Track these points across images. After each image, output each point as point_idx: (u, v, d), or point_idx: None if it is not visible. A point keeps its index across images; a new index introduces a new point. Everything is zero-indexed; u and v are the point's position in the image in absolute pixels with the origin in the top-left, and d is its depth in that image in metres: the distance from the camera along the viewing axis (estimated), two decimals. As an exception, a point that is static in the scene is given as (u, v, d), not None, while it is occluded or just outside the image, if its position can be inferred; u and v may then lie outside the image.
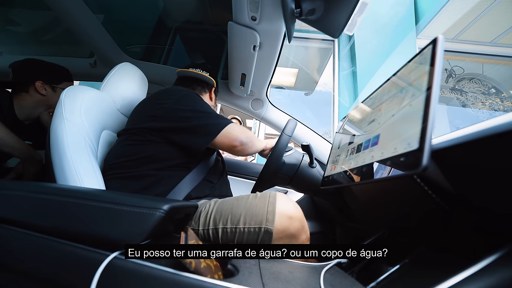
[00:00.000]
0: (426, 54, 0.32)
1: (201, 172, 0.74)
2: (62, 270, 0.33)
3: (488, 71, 3.19)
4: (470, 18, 2.69)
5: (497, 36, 2.85)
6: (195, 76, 0.90)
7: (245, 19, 0.70)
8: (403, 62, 0.40)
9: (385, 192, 0.48)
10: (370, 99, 0.50)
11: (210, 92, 0.93)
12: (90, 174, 0.59)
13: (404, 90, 0.36)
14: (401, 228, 0.50)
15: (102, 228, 0.35)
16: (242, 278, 0.33)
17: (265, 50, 0.83)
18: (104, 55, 1.21)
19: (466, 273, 0.26)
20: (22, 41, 1.55)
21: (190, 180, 0.70)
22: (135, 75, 0.88)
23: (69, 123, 0.60)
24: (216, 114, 0.70)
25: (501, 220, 0.30)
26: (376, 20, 2.97)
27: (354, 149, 0.46)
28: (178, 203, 0.42)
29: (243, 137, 0.68)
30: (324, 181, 0.55)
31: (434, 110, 0.27)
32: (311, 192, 0.84)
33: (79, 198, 0.39)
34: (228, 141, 0.67)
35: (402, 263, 0.41)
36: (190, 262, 0.29)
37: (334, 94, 3.13)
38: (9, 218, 0.40)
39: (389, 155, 0.31)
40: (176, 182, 0.67)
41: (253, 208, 0.54)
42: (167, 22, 1.37)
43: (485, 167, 0.29)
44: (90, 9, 1.04)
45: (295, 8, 0.59)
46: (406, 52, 2.80)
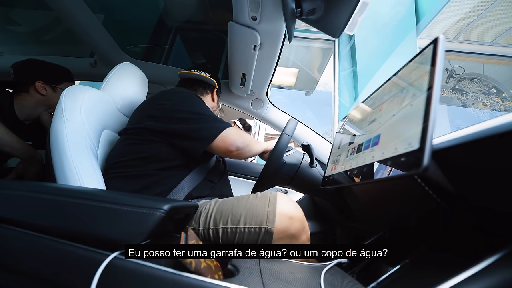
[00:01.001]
0: (427, 54, 0.32)
1: (202, 172, 0.74)
2: (62, 270, 0.33)
3: (489, 71, 3.18)
4: (471, 18, 2.68)
5: (498, 36, 2.84)
6: (196, 77, 0.90)
7: (245, 19, 0.70)
8: (403, 62, 0.39)
9: (386, 192, 0.48)
10: (370, 99, 0.50)
11: (212, 93, 0.93)
12: (91, 174, 0.59)
13: (405, 90, 0.36)
14: (401, 228, 0.50)
15: (102, 228, 0.35)
16: (242, 278, 0.33)
17: (265, 50, 0.83)
18: (104, 55, 1.21)
19: (467, 273, 0.26)
20: (23, 41, 1.55)
21: (190, 180, 0.70)
22: (135, 75, 0.88)
23: (70, 123, 0.60)
24: (214, 117, 0.70)
25: (501, 220, 0.30)
26: (377, 20, 2.96)
27: (354, 149, 0.46)
28: (178, 203, 0.42)
29: (239, 142, 0.67)
30: (324, 181, 0.55)
31: (435, 110, 0.27)
32: (312, 192, 0.84)
33: (79, 198, 0.39)
34: (225, 146, 0.66)
35: (403, 263, 0.41)
36: (190, 262, 0.29)
37: (334, 94, 3.13)
38: (9, 218, 0.40)
39: (389, 155, 0.31)
40: (177, 182, 0.67)
41: (253, 208, 0.54)
42: (167, 22, 1.37)
43: (486, 167, 0.29)
44: (91, 9, 1.04)
45: (296, 8, 0.59)
46: (406, 52, 2.79)
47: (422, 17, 2.89)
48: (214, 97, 0.94)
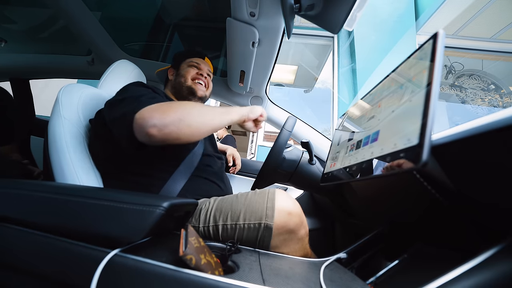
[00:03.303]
0: (427, 49, 0.32)
1: (185, 173, 0.66)
2: (62, 268, 0.34)
3: (488, 67, 3.18)
4: (470, 14, 2.68)
5: (497, 32, 2.84)
6: (158, 74, 0.94)
7: (243, 15, 0.69)
8: (402, 59, 0.39)
9: (385, 188, 0.48)
10: (369, 95, 0.50)
11: (168, 74, 0.90)
12: (89, 172, 0.59)
13: (404, 86, 0.36)
14: (400, 224, 0.50)
15: (102, 225, 0.35)
16: (242, 274, 0.33)
17: (264, 47, 0.82)
18: (101, 52, 1.20)
19: (465, 267, 0.26)
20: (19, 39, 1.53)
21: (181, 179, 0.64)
22: (132, 72, 0.88)
23: (67, 121, 0.60)
24: (140, 95, 0.57)
25: (499, 215, 0.30)
26: (376, 16, 2.95)
27: (353, 145, 0.46)
28: (177, 200, 0.42)
29: (155, 118, 0.48)
30: (323, 178, 0.55)
31: (434, 106, 0.27)
32: (311, 188, 0.84)
33: (78, 196, 0.39)
34: (141, 131, 0.48)
35: (402, 258, 0.42)
36: (191, 259, 0.29)
37: (333, 91, 3.12)
38: (9, 216, 0.40)
39: (388, 151, 0.31)
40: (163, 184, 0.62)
41: (252, 205, 0.54)
42: (165, 19, 1.36)
43: (484, 162, 0.29)
44: (87, 6, 1.03)
45: (294, 3, 0.58)
46: (405, 48, 2.79)
47: (421, 13, 2.88)
48: (170, 73, 0.89)
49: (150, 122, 0.47)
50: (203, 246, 0.35)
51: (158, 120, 0.48)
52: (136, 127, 0.49)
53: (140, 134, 0.49)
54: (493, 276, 0.24)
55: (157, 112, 0.49)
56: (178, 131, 0.50)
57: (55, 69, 1.35)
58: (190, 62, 0.87)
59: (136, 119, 0.49)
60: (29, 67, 1.39)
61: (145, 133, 0.48)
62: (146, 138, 0.49)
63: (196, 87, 0.84)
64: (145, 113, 0.49)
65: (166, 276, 0.29)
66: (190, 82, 0.84)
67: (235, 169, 1.07)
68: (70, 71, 1.10)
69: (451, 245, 0.38)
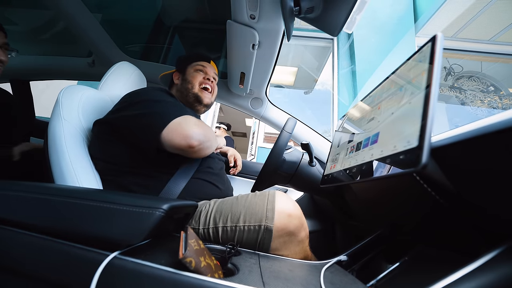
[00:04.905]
0: (425, 51, 0.32)
1: (187, 174, 0.67)
2: (61, 271, 0.33)
3: (487, 69, 3.19)
4: (468, 16, 2.69)
5: (496, 34, 2.85)
6: (162, 77, 0.95)
7: (244, 17, 0.69)
8: (402, 61, 0.39)
9: (385, 190, 0.48)
10: (369, 97, 0.50)
11: (173, 78, 0.90)
12: (88, 174, 0.59)
13: (404, 88, 0.36)
14: (401, 226, 0.50)
15: (101, 228, 0.35)
16: (242, 277, 0.33)
17: (264, 49, 0.83)
18: (102, 54, 1.20)
19: (466, 270, 0.26)
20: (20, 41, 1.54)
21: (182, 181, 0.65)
22: (133, 74, 0.88)
23: (67, 123, 0.60)
24: (170, 103, 0.62)
25: (499, 218, 0.30)
26: (375, 19, 2.96)
27: (353, 147, 0.46)
28: (177, 202, 0.41)
29: (201, 135, 0.56)
30: (324, 180, 0.55)
31: (433, 107, 0.27)
32: (311, 190, 0.84)
33: (78, 198, 0.39)
34: (181, 138, 0.55)
35: (402, 261, 0.42)
36: (190, 261, 0.29)
37: (333, 92, 3.13)
38: (7, 218, 0.39)
39: (388, 153, 0.31)
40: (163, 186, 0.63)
41: (252, 207, 0.54)
42: (165, 21, 1.36)
43: (484, 165, 0.29)
44: (88, 8, 1.04)
45: (294, 6, 0.59)
46: (405, 50, 2.80)
47: (420, 15, 2.89)
48: (176, 77, 0.89)
49: (195, 135, 0.54)
50: (203, 249, 0.35)
51: (202, 136, 0.55)
52: (175, 130, 0.54)
53: (174, 139, 0.54)
54: (495, 278, 0.24)
55: (197, 127, 0.56)
56: (207, 150, 0.59)
57: (56, 70, 1.36)
58: (196, 66, 0.87)
59: (177, 124, 0.54)
60: (29, 69, 1.39)
61: (187, 142, 0.54)
62: (183, 144, 0.54)
63: (202, 95, 0.84)
64: (191, 124, 0.55)
65: (165, 279, 0.29)
66: (197, 89, 0.83)
67: (235, 170, 1.06)
68: (70, 72, 1.11)
69: (452, 247, 0.38)
